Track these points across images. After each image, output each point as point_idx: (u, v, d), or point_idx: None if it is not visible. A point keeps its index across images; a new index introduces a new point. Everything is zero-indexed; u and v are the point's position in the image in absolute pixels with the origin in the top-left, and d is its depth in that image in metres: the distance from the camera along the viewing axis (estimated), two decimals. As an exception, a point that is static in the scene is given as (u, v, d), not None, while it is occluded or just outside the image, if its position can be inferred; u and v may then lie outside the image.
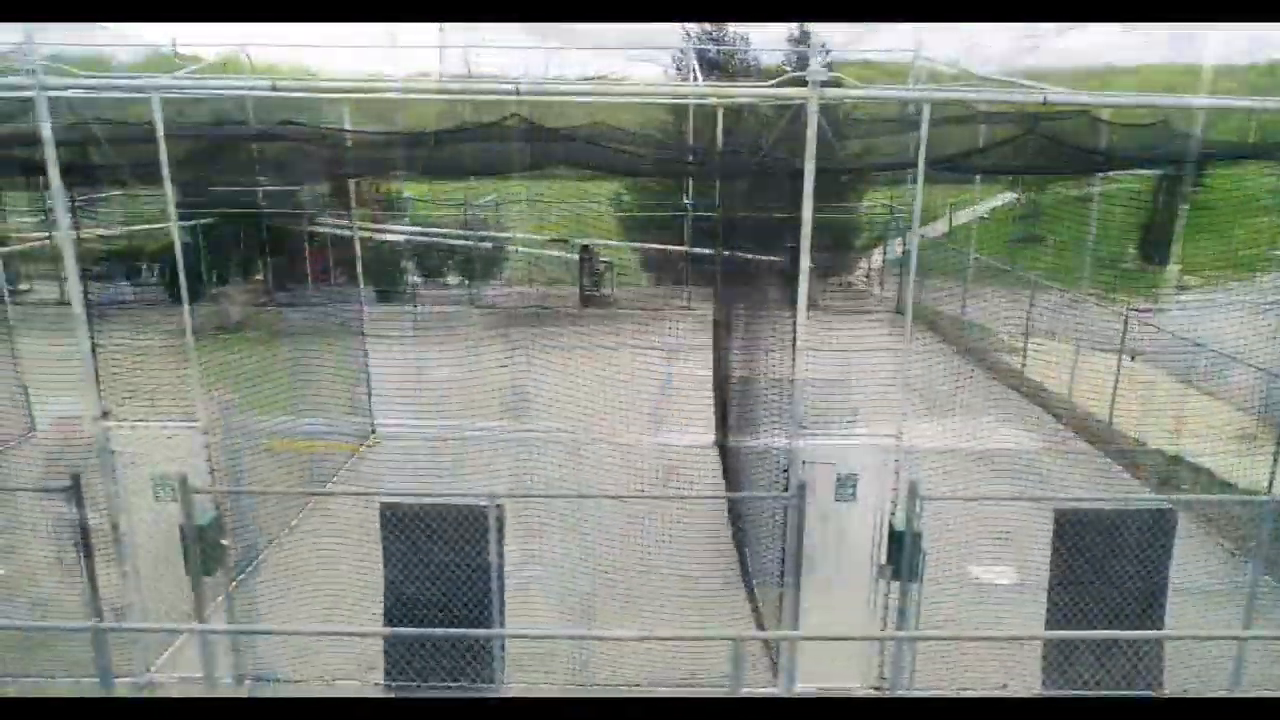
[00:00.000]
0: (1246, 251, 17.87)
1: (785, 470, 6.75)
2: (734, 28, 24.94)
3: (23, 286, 23.35)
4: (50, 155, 5.82)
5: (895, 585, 6.85)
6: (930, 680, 7.07)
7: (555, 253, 24.03)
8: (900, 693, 6.77)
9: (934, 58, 20.75)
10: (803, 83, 6.22)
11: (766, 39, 27.29)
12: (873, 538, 6.82)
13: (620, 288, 23.67)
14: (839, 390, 8.50)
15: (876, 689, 7.20)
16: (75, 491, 6.24)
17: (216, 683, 6.62)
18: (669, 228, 25.45)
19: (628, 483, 10.67)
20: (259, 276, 24.79)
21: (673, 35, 25.65)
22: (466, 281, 25.84)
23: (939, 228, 26.76)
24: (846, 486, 6.64)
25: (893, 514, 6.66)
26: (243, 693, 6.97)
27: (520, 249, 23.96)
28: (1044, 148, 7.19)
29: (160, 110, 5.75)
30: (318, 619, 7.70)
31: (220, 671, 7.00)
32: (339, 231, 24.10)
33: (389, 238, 23.05)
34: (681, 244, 24.71)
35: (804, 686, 7.10)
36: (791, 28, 26.44)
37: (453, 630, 6.92)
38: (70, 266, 6.32)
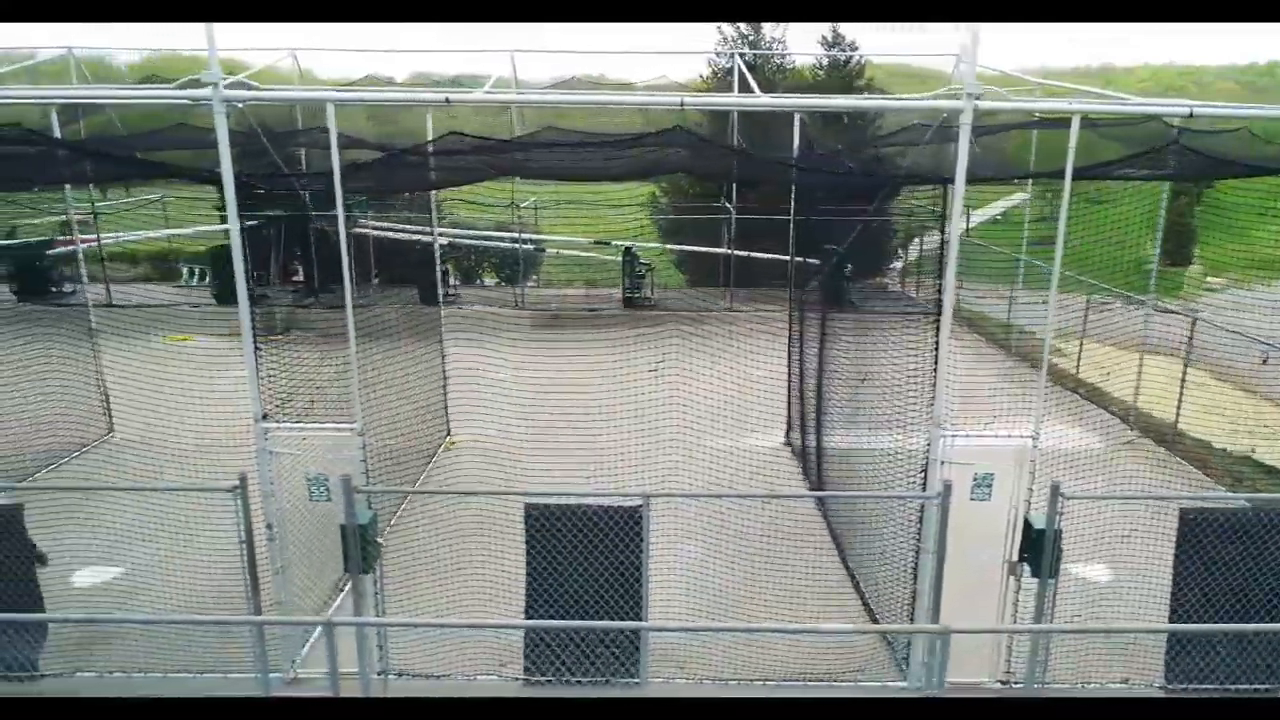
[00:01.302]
0: (1269, 251, 17.97)
1: (924, 469, 6.93)
2: (769, 32, 25.08)
3: (67, 288, 23.49)
4: (225, 163, 5.98)
5: (1019, 582, 7.07)
6: (1056, 676, 7.24)
7: (596, 254, 24.19)
8: (1034, 687, 6.95)
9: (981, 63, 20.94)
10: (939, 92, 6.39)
11: (794, 42, 27.35)
12: (1005, 535, 7.00)
13: (657, 290, 23.84)
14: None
15: (1003, 683, 7.38)
16: (242, 491, 6.40)
17: (368, 679, 6.77)
18: (705, 230, 25.64)
19: (706, 483, 10.86)
20: (297, 278, 24.93)
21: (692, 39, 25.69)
22: (502, 283, 26.01)
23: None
24: (983, 486, 6.81)
25: (1027, 512, 6.83)
26: (381, 688, 7.12)
27: (561, 251, 24.12)
28: (1183, 157, 7.34)
29: (334, 119, 5.91)
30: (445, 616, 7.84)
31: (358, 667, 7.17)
32: (381, 233, 24.29)
33: (433, 239, 23.16)
34: (716, 246, 24.91)
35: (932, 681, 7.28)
36: (824, 31, 26.65)
37: (594, 623, 7.10)
38: (238, 269, 6.46)
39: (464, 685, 7.32)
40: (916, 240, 26.31)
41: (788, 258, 24.11)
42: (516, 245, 22.84)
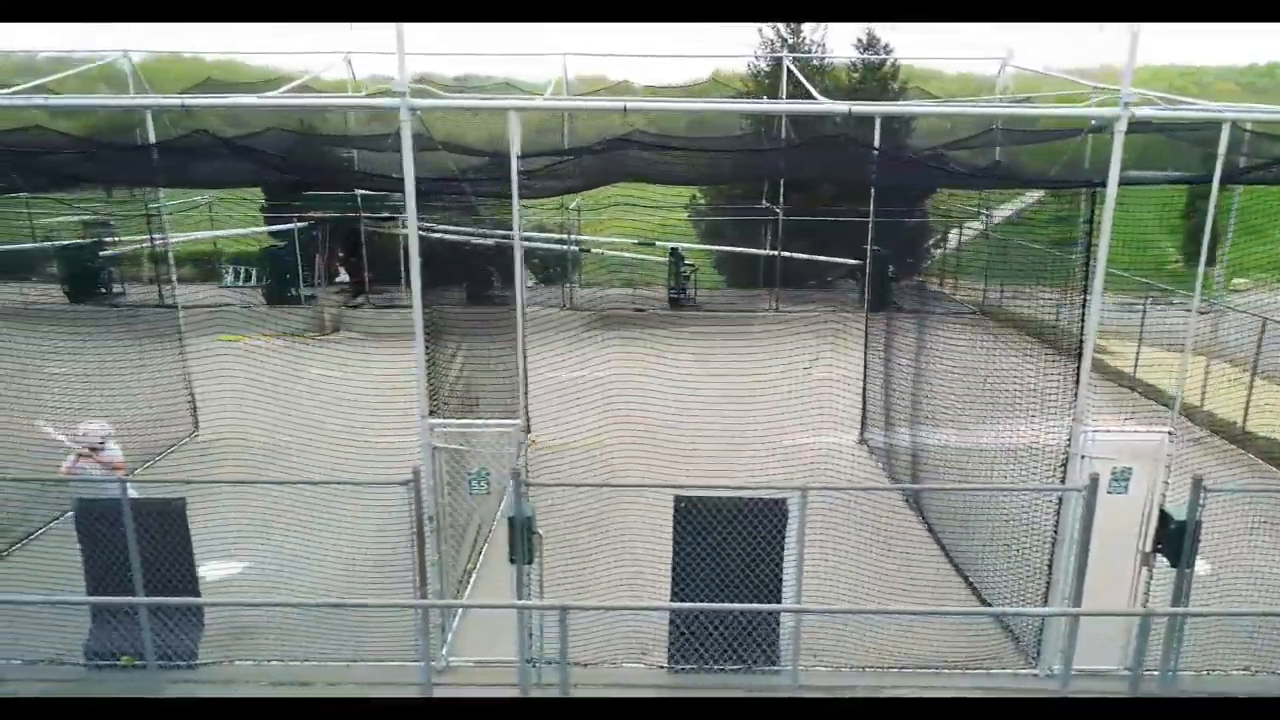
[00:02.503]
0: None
1: (1064, 463, 7.17)
2: (809, 34, 25.31)
3: (117, 289, 23.72)
4: (408, 168, 6.21)
5: (1150, 573, 7.32)
6: (1187, 663, 7.48)
7: (635, 254, 24.41)
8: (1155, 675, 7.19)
9: (1023, 65, 21.07)
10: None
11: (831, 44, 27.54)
12: (1139, 528, 7.24)
13: (699, 290, 24.08)
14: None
15: (1130, 670, 7.61)
16: (415, 485, 6.63)
17: (530, 667, 7.00)
18: (744, 231, 25.87)
19: (783, 480, 11.07)
20: (340, 278, 25.15)
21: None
22: (541, 284, 26.20)
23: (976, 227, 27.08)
24: (1121, 480, 7.05)
25: (1163, 504, 7.07)
26: (535, 676, 7.34)
27: (606, 252, 24.33)
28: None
29: (518, 126, 6.14)
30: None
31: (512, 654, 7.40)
32: (427, 234, 24.50)
33: (479, 241, 23.40)
34: (754, 247, 25.14)
35: (1060, 668, 7.52)
36: (859, 33, 26.86)
37: (734, 605, 7.33)
38: (414, 271, 6.68)
39: (610, 672, 7.56)
40: (951, 239, 26.59)
41: (835, 259, 24.46)
42: (565, 247, 23.06)
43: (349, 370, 12.67)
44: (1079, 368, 6.96)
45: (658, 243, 23.48)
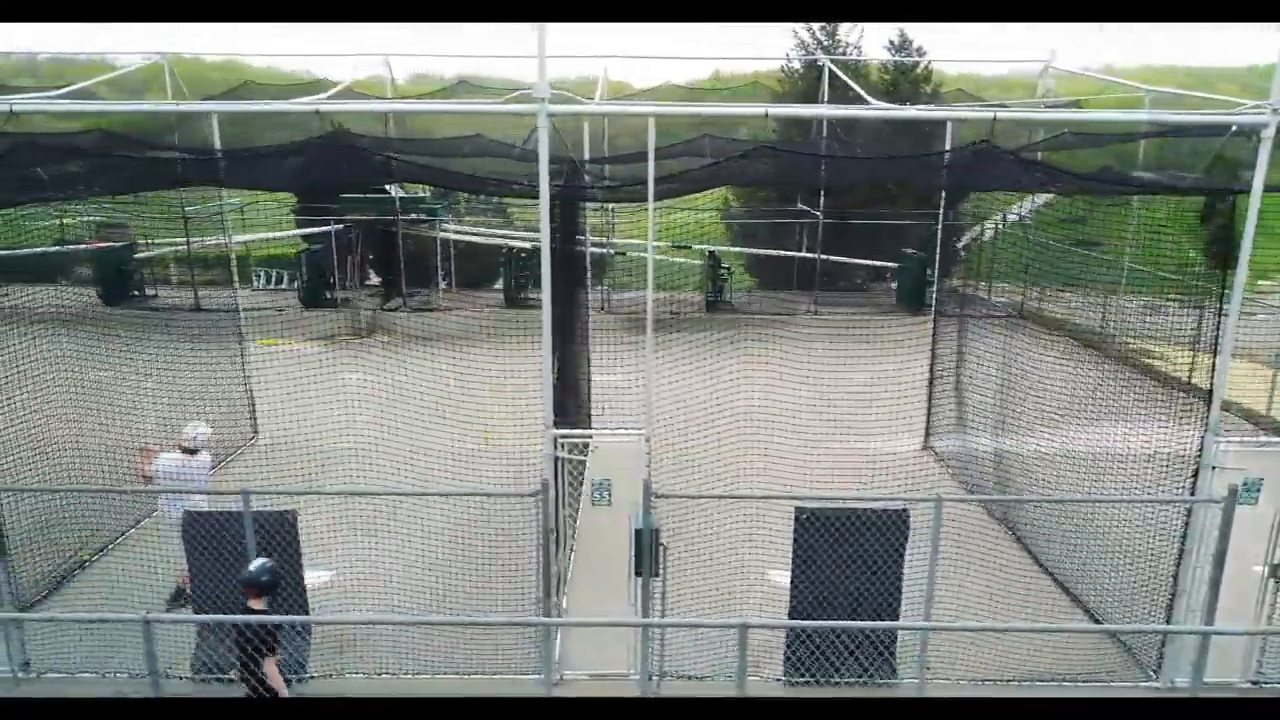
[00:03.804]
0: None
1: (1194, 474, 7.07)
2: (845, 35, 25.22)
3: (149, 292, 23.59)
4: (543, 173, 6.10)
5: (1276, 583, 7.21)
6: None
7: (667, 257, 24.29)
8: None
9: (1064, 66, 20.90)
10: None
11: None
12: (1269, 539, 7.13)
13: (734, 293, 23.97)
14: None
15: (1254, 682, 7.51)
16: (544, 496, 6.51)
17: (643, 680, 6.89)
18: (776, 234, 25.80)
19: (846, 487, 10.94)
20: (372, 280, 25.02)
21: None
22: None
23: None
24: (1252, 490, 6.94)
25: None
26: (655, 689, 7.23)
27: (641, 254, 24.20)
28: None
29: (654, 132, 6.04)
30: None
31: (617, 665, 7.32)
32: (460, 236, 24.41)
33: (515, 243, 23.33)
34: (786, 250, 25.05)
35: (1182, 680, 7.42)
36: (891, 34, 26.79)
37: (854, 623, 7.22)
38: (545, 277, 6.55)
39: (726, 685, 7.44)
40: (983, 240, 26.44)
41: (869, 261, 24.36)
42: (603, 250, 22.94)
43: (388, 374, 12.54)
44: (1211, 377, 6.86)
45: (694, 245, 23.37)
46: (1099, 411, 9.31)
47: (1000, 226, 21.34)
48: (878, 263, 23.73)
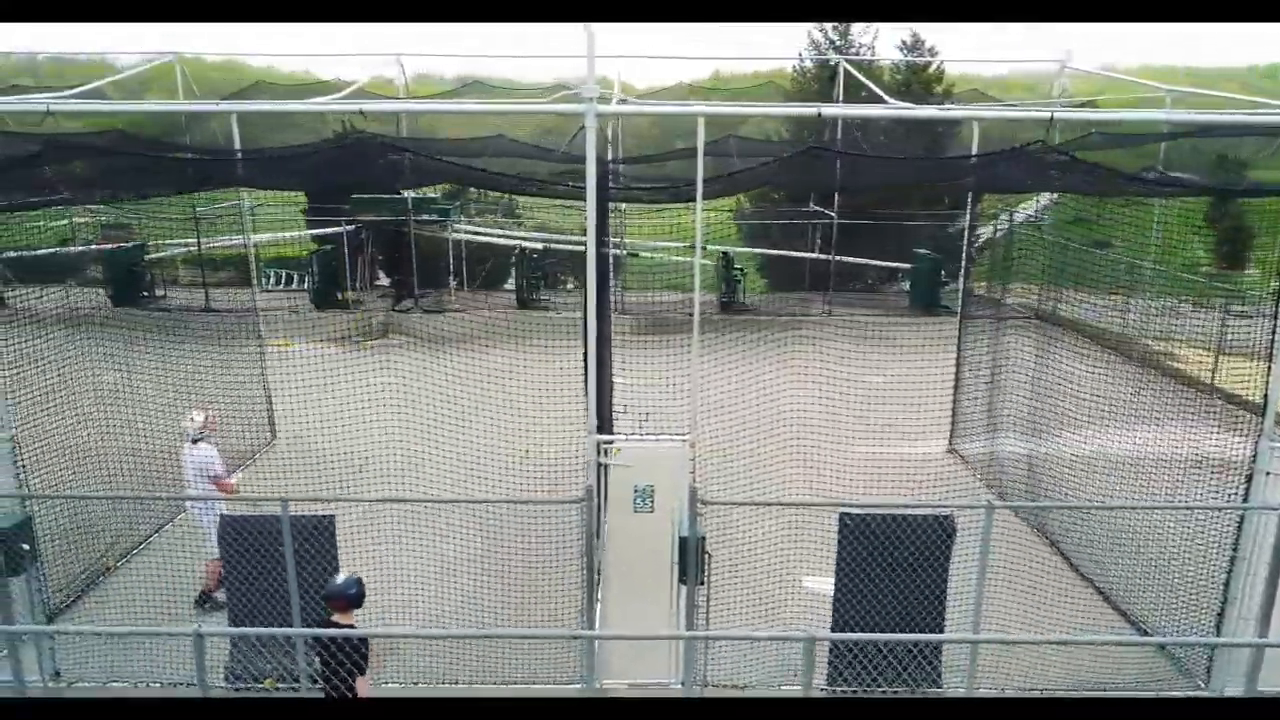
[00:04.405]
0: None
1: (1248, 479, 6.96)
2: (858, 36, 25.12)
3: (159, 293, 23.45)
4: (590, 174, 5.99)
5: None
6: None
7: (678, 257, 24.16)
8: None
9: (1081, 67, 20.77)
10: None
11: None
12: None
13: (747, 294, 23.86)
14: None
15: (1304, 692, 7.39)
16: (588, 504, 6.40)
17: (687, 689, 6.77)
18: (789, 233, 25.69)
19: (868, 491, 10.82)
20: (381, 281, 24.90)
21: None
22: (579, 288, 25.94)
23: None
24: (1309, 494, 6.83)
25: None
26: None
27: (653, 255, 24.11)
28: None
29: (703, 132, 5.93)
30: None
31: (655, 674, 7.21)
32: (473, 237, 24.29)
33: (528, 245, 23.21)
34: (799, 249, 24.94)
35: (1233, 689, 7.30)
36: (903, 35, 26.70)
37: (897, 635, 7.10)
38: (590, 280, 6.44)
39: (768, 693, 7.33)
40: (1001, 239, 26.30)
41: (884, 262, 24.25)
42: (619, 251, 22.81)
43: (407, 377, 12.40)
44: (1268, 381, 6.75)
45: (707, 246, 23.23)
46: (1140, 416, 9.21)
47: (1029, 226, 21.24)
48: (892, 264, 23.61)
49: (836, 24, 24.88)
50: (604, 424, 7.21)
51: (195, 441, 8.71)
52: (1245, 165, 19.44)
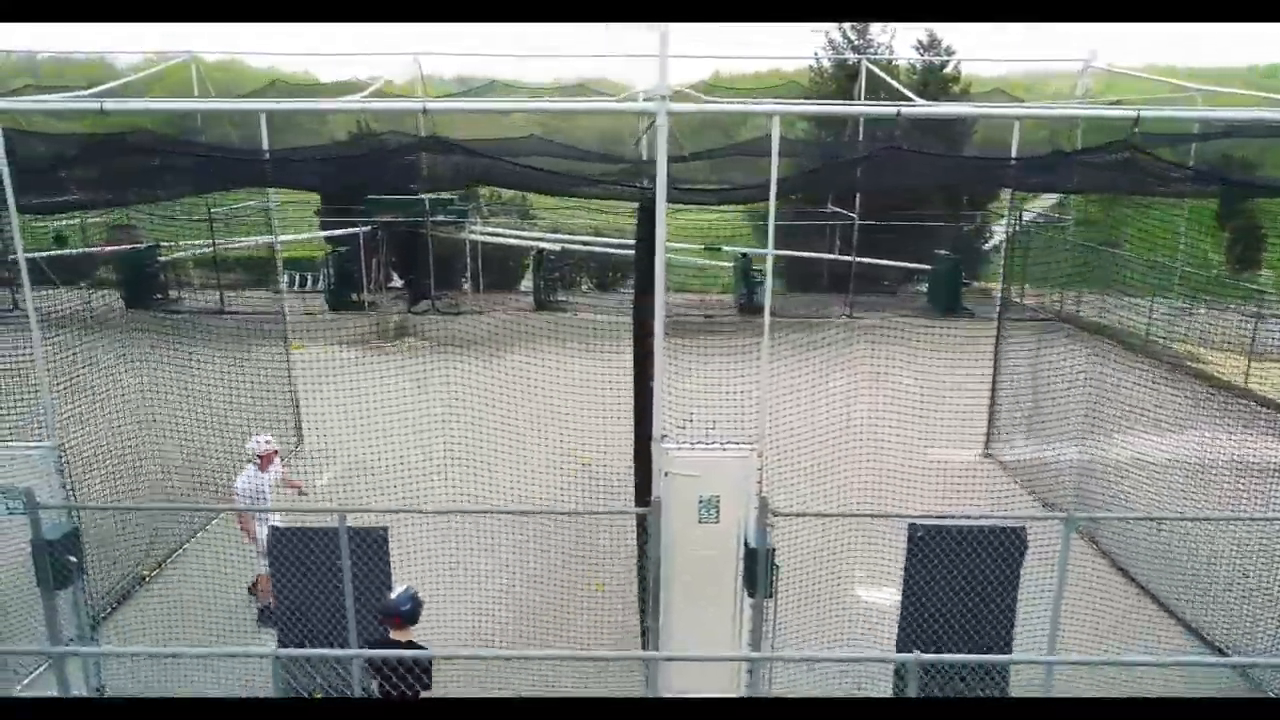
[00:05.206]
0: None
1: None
2: (876, 36, 24.95)
3: (173, 295, 23.24)
4: (660, 174, 5.80)
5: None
6: None
7: (697, 259, 24.00)
8: None
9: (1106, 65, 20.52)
10: None
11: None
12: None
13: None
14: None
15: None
16: (655, 515, 6.19)
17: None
18: (806, 234, 25.47)
19: (908, 498, 10.59)
20: (394, 283, 24.68)
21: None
22: (595, 289, 25.75)
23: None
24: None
25: None
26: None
27: (673, 257, 23.90)
28: None
29: (778, 130, 5.74)
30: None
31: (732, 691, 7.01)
32: (486, 238, 24.09)
33: (546, 246, 23.01)
34: (817, 250, 24.73)
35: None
36: (920, 35, 26.53)
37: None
38: (659, 282, 6.24)
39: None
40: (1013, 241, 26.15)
41: (906, 264, 24.05)
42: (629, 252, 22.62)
43: (433, 380, 12.17)
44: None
45: (724, 247, 23.07)
46: (1202, 421, 9.01)
47: (1053, 227, 20.98)
48: (913, 265, 23.42)
49: (855, 24, 24.69)
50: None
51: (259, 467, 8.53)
52: (1251, 165, 19.31)
